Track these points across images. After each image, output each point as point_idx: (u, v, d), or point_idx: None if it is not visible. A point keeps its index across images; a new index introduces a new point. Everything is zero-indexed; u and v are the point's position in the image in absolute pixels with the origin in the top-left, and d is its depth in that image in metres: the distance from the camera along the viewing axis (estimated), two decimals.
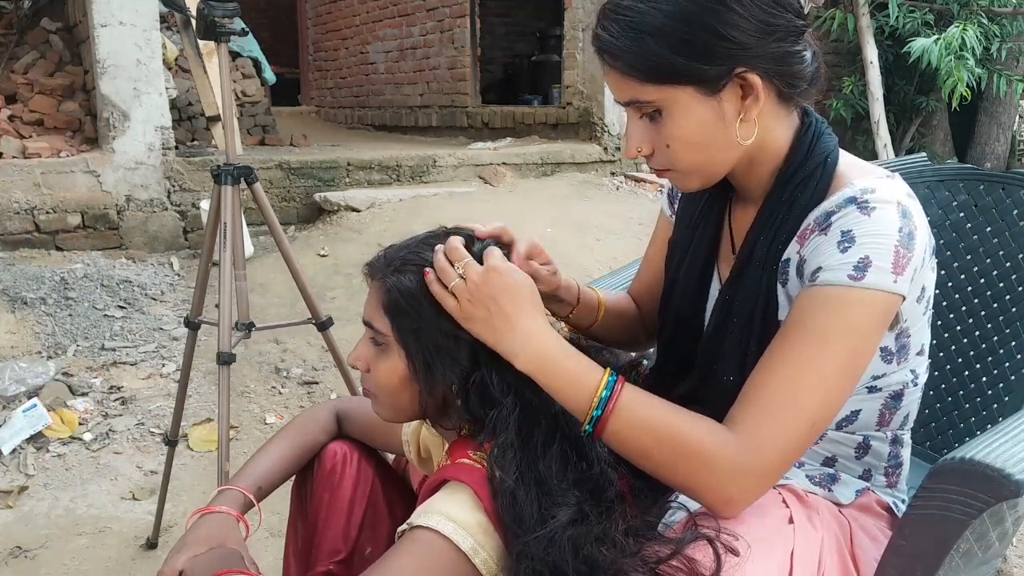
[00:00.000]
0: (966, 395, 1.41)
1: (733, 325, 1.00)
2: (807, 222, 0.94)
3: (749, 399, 0.89)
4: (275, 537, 1.85)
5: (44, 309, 3.26)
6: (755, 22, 0.88)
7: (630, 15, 0.89)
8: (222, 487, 1.12)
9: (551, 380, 0.92)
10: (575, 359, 0.93)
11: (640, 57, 0.89)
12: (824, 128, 0.99)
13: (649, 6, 0.88)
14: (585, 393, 0.90)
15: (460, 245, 0.94)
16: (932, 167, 1.45)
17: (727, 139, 0.93)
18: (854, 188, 0.91)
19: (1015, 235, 1.35)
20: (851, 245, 0.88)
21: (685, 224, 1.13)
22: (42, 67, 4.56)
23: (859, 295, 0.87)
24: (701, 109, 0.91)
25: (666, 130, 0.93)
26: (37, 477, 2.34)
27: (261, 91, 5.62)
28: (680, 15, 0.87)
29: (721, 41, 0.87)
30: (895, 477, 1.06)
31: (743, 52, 0.88)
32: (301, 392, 2.88)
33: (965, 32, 4.36)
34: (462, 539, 0.85)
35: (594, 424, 0.90)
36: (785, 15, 0.90)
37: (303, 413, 1.27)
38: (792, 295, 0.95)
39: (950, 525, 0.86)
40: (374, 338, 0.98)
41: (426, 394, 0.96)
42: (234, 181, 1.81)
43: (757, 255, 0.98)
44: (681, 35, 0.88)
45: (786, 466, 0.89)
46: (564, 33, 5.45)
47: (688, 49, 0.88)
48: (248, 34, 2.10)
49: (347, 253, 3.74)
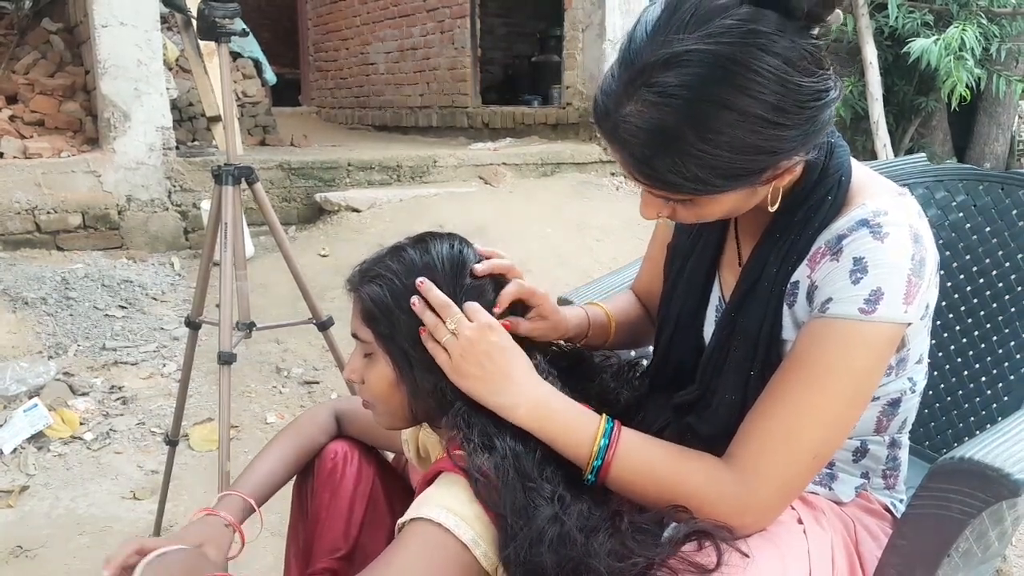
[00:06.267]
0: (965, 395, 1.41)
1: (737, 344, 0.97)
2: (818, 244, 0.91)
3: (749, 436, 0.88)
4: (275, 537, 1.85)
5: (45, 309, 3.26)
6: (801, 121, 0.81)
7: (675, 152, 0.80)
8: (224, 492, 1.13)
9: (550, 434, 0.92)
10: (572, 410, 0.93)
11: (690, 183, 0.83)
12: (837, 140, 0.95)
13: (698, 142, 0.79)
14: (584, 442, 0.91)
15: (449, 301, 0.95)
16: (931, 167, 1.46)
17: (753, 203, 0.92)
18: (866, 209, 0.88)
19: (1014, 235, 1.36)
20: (863, 276, 0.85)
21: (687, 231, 1.11)
22: (43, 67, 4.57)
23: (869, 329, 0.85)
24: (734, 196, 0.87)
25: (695, 211, 0.90)
26: (38, 477, 2.34)
27: (262, 91, 5.63)
28: (730, 144, 0.79)
29: (771, 157, 0.83)
30: (892, 479, 1.06)
31: (789, 152, 0.83)
32: (302, 392, 2.89)
33: (964, 32, 4.37)
34: (463, 531, 0.85)
35: (596, 473, 0.91)
36: (819, 76, 0.81)
37: (302, 415, 1.27)
38: (798, 318, 0.93)
39: (949, 525, 0.86)
40: (362, 349, 1.01)
41: (412, 395, 0.98)
42: (235, 181, 1.82)
43: (766, 276, 0.95)
44: (728, 162, 0.80)
45: (788, 500, 0.89)
46: (564, 34, 5.45)
47: (737, 172, 0.83)
48: (249, 35, 2.11)
49: (347, 253, 3.74)
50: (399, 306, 0.95)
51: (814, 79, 0.81)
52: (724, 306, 1.05)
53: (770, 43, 0.78)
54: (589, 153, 5.04)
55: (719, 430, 0.96)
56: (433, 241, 1.00)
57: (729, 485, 0.86)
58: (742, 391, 0.95)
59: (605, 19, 4.95)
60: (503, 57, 8.61)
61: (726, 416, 0.96)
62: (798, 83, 0.79)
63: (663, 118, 0.79)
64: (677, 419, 1.04)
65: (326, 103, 8.68)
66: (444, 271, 0.97)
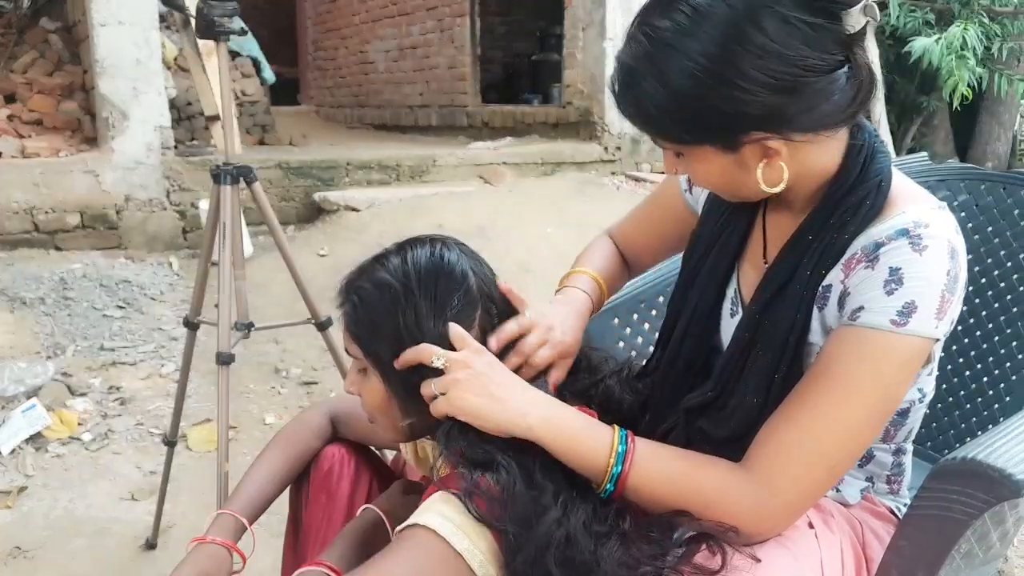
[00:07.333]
0: (967, 395, 1.41)
1: (762, 346, 0.95)
2: (854, 249, 0.89)
3: (769, 442, 0.87)
4: (275, 537, 1.84)
5: (43, 309, 3.26)
6: (769, 90, 0.80)
7: (637, 91, 0.86)
8: (218, 511, 1.12)
9: (563, 445, 0.89)
10: (581, 419, 0.92)
11: (651, 127, 0.89)
12: (879, 146, 0.93)
13: (656, 85, 0.84)
14: (599, 452, 0.88)
15: (425, 347, 0.91)
16: (933, 167, 1.45)
17: (752, 182, 0.89)
18: (907, 218, 0.86)
19: (1016, 235, 1.35)
20: (898, 287, 0.84)
21: (714, 220, 1.08)
22: (41, 67, 4.56)
23: (899, 342, 0.84)
24: (720, 160, 0.88)
25: (690, 170, 0.93)
26: (36, 477, 2.33)
27: (260, 91, 5.62)
28: (685, 94, 0.83)
29: (730, 117, 0.83)
30: (897, 484, 1.06)
31: (754, 123, 0.83)
32: (300, 392, 2.88)
33: (966, 31, 4.35)
34: (458, 539, 0.84)
35: (615, 482, 0.88)
36: (815, 55, 0.81)
37: (295, 419, 1.25)
38: (827, 322, 0.92)
39: (951, 525, 0.85)
40: (356, 364, 1.00)
41: (404, 410, 0.97)
42: (233, 181, 1.81)
43: (798, 278, 0.93)
44: (688, 114, 0.84)
45: (805, 508, 0.88)
46: (564, 32, 5.44)
47: (698, 124, 0.85)
48: (247, 33, 2.10)
49: (347, 253, 3.73)
50: (379, 324, 0.94)
51: (799, 52, 0.80)
52: (741, 303, 1.03)
53: (764, 8, 0.79)
54: (589, 152, 5.03)
55: (733, 433, 0.94)
56: (412, 249, 0.98)
57: (747, 492, 0.85)
58: (764, 394, 0.93)
59: (606, 18, 4.94)
60: (503, 56, 8.60)
61: (743, 419, 0.94)
62: (770, 47, 0.79)
63: (636, 57, 0.85)
64: (688, 422, 1.01)
65: (325, 102, 8.68)
66: (422, 281, 0.94)
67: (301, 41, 9.30)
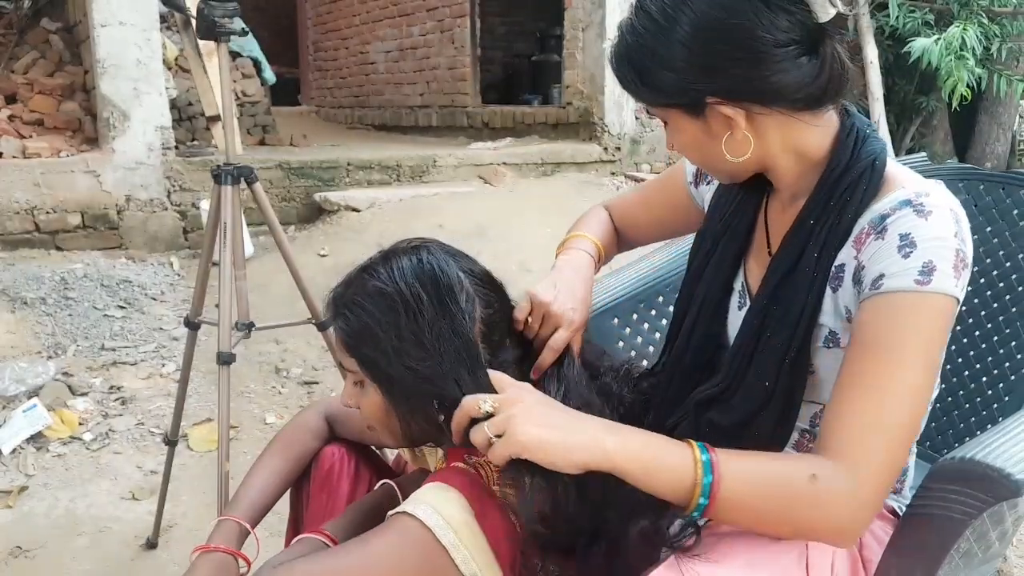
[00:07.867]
0: (966, 395, 1.41)
1: (771, 332, 0.95)
2: (860, 226, 0.91)
3: (842, 426, 0.84)
4: (275, 537, 1.85)
5: (44, 309, 3.26)
6: (702, 57, 0.88)
7: (619, 43, 0.95)
8: (220, 517, 1.12)
9: (644, 462, 0.82)
10: (652, 435, 0.85)
11: (625, 81, 0.96)
12: (869, 131, 0.96)
13: (632, 39, 0.93)
14: (682, 464, 0.82)
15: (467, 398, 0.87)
16: (932, 167, 1.45)
17: (720, 152, 0.94)
18: (907, 191, 0.89)
19: (1015, 235, 1.35)
20: (913, 249, 0.85)
21: (719, 216, 1.10)
22: (42, 67, 4.56)
23: (928, 300, 0.85)
24: (690, 127, 0.94)
25: (673, 140, 0.99)
26: (37, 477, 2.34)
27: (261, 91, 5.62)
28: (642, 49, 0.92)
29: (672, 76, 0.90)
30: (900, 484, 1.06)
31: (698, 87, 0.90)
32: (301, 392, 2.88)
33: (965, 32, 4.36)
34: (443, 532, 0.84)
35: (707, 494, 0.81)
36: (763, 25, 0.85)
37: (292, 421, 1.24)
38: (841, 302, 0.92)
39: (950, 525, 0.86)
40: (352, 378, 1.00)
41: (405, 420, 0.97)
42: (234, 181, 1.81)
43: (806, 261, 0.94)
44: (645, 69, 0.92)
45: (892, 484, 0.86)
46: (564, 33, 5.44)
47: (653, 82, 0.92)
48: (248, 34, 2.10)
49: (347, 253, 3.74)
50: (377, 335, 0.93)
51: (747, 19, 0.85)
52: (748, 295, 1.04)
53: None
54: (589, 153, 5.03)
55: (742, 419, 0.94)
56: (398, 258, 0.97)
57: (839, 480, 0.81)
58: (774, 378, 0.94)
59: (605, 18, 4.94)
60: (503, 56, 8.61)
61: (751, 404, 0.95)
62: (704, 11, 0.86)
63: (626, 24, 0.95)
64: (697, 415, 1.01)
65: (325, 102, 8.67)
66: (423, 285, 0.94)
67: (302, 41, 9.29)
